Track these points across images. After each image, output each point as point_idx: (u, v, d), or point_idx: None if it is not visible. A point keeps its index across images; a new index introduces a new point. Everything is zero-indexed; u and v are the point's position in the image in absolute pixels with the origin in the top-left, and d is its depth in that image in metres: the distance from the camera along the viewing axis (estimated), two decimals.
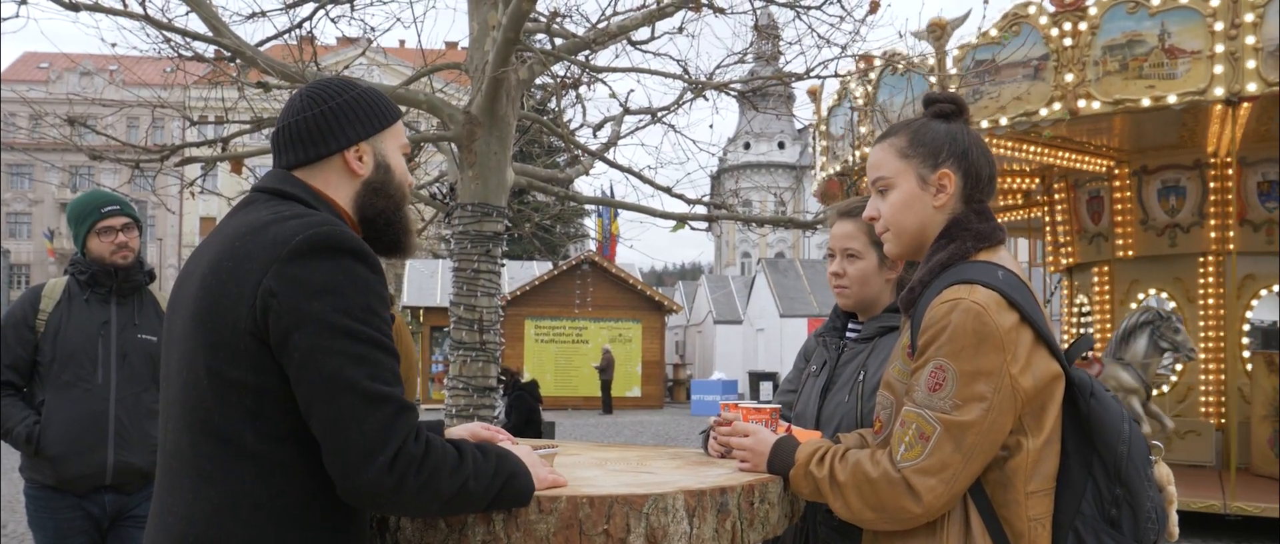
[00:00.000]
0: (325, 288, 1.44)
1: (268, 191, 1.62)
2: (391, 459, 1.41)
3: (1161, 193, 9.70)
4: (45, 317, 3.33)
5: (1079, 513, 1.61)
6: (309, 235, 1.47)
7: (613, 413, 24.50)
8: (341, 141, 1.64)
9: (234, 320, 1.45)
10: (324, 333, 1.42)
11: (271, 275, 1.44)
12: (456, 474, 1.48)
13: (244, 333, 1.45)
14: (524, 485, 1.57)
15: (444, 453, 1.49)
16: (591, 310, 25.62)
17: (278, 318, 1.43)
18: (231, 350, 1.46)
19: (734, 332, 36.22)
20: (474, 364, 5.28)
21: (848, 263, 2.29)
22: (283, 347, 1.43)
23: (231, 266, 1.48)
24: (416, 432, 1.47)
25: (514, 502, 1.56)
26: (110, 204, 3.40)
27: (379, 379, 1.44)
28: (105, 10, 4.88)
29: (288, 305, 1.43)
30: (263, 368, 1.45)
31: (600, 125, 7.52)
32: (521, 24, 4.89)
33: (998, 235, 1.75)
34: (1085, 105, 7.72)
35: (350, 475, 1.42)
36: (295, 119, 1.65)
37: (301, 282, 1.44)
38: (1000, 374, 1.58)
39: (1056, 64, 7.84)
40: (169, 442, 1.55)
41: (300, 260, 1.45)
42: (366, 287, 1.48)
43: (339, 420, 1.41)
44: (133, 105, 6.27)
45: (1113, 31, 7.64)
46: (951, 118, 1.82)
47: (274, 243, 1.47)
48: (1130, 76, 7.59)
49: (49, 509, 3.32)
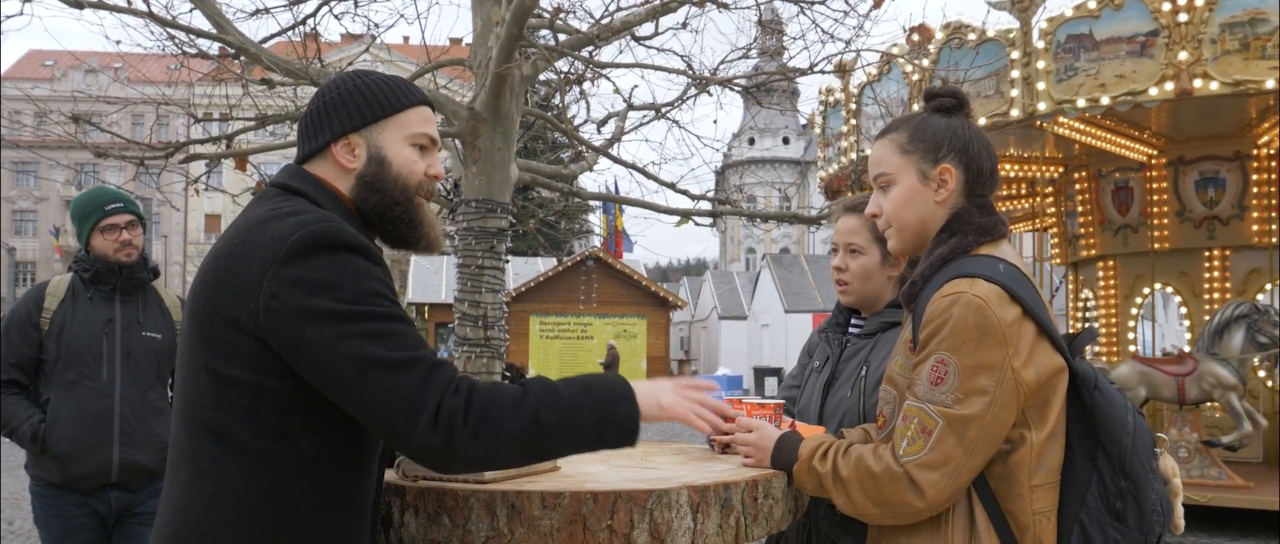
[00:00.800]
0: (323, 284, 1.42)
1: (278, 186, 1.62)
2: (433, 417, 1.39)
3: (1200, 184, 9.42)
4: (50, 314, 3.33)
5: (1084, 506, 1.61)
6: (303, 234, 1.45)
7: None
8: (329, 134, 1.61)
9: (234, 318, 1.45)
10: (331, 323, 1.41)
11: (271, 278, 1.43)
12: (519, 410, 1.43)
13: (243, 331, 1.44)
14: (625, 412, 1.49)
15: (496, 392, 1.44)
16: (596, 306, 25.66)
17: (284, 322, 1.42)
18: (229, 348, 1.45)
19: (739, 327, 36.23)
20: (478, 360, 5.28)
21: (850, 258, 2.29)
22: (295, 348, 1.42)
23: (230, 263, 1.48)
24: (456, 383, 1.43)
25: (619, 432, 1.49)
26: (114, 202, 3.40)
27: (402, 347, 1.42)
28: (109, 7, 4.89)
29: (291, 308, 1.42)
30: (261, 367, 1.44)
31: (604, 121, 7.51)
32: (525, 20, 4.88)
33: (1000, 229, 1.75)
34: (1202, 85, 7.32)
35: (404, 443, 1.40)
36: (308, 109, 1.65)
37: (299, 282, 1.42)
38: (1002, 368, 1.57)
39: (1167, 41, 7.42)
40: (173, 434, 1.57)
41: (296, 261, 1.43)
42: (366, 275, 1.46)
43: (372, 395, 1.40)
44: (137, 103, 6.28)
45: (1233, 8, 7.25)
46: (952, 112, 1.82)
47: (271, 241, 1.46)
48: (1252, 56, 7.21)
49: (55, 507, 3.33)
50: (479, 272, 5.30)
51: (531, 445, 1.46)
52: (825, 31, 5.67)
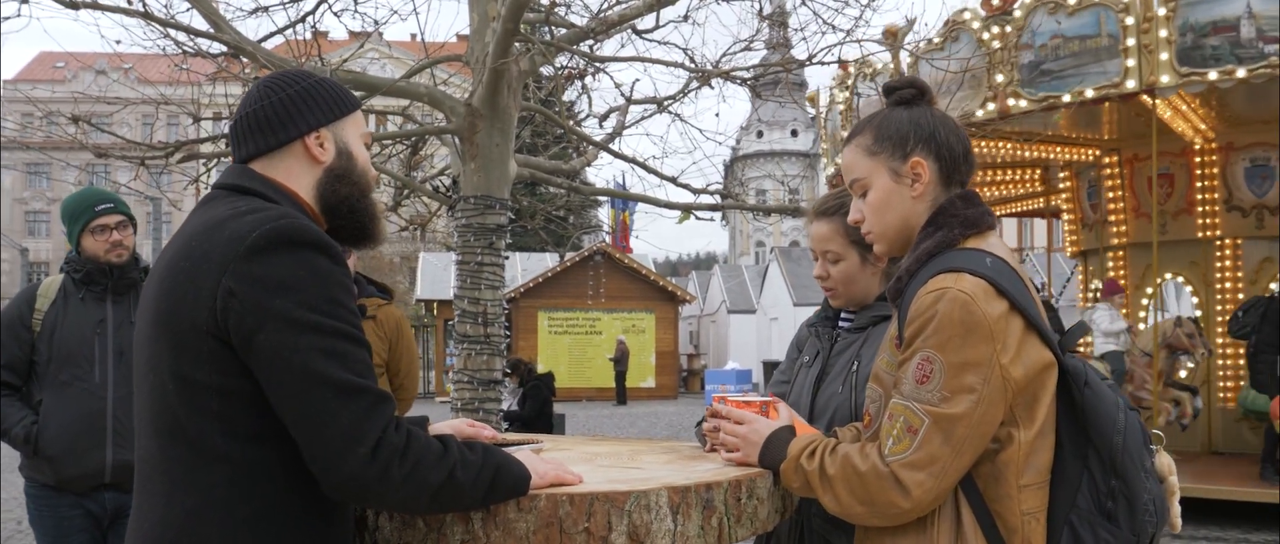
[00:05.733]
0: (286, 283, 1.40)
1: (226, 188, 1.59)
2: (373, 449, 1.39)
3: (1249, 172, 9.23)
4: (41, 316, 3.32)
5: (1074, 506, 1.56)
6: (266, 230, 1.43)
7: (627, 404, 24.49)
8: (301, 127, 1.61)
9: (194, 321, 1.42)
10: (289, 329, 1.39)
11: (230, 274, 1.41)
12: (442, 463, 1.45)
13: (205, 334, 1.42)
14: (516, 474, 1.53)
15: (427, 443, 1.46)
16: (605, 301, 25.61)
17: (239, 318, 1.40)
18: (194, 352, 1.43)
19: (748, 321, 36.16)
20: (478, 357, 5.26)
21: (830, 266, 2.24)
22: (247, 347, 1.40)
23: (189, 267, 1.45)
24: (396, 422, 1.44)
25: (508, 492, 1.52)
26: (104, 202, 3.38)
27: (351, 370, 1.41)
28: (103, 8, 4.87)
29: (249, 304, 1.39)
30: (226, 369, 1.42)
31: (606, 115, 7.47)
32: (520, 14, 4.85)
33: (987, 221, 1.70)
34: None
35: (331, 470, 1.40)
36: (253, 108, 1.62)
37: (260, 279, 1.40)
38: (989, 364, 1.53)
39: None
40: (141, 447, 1.53)
41: (258, 257, 1.41)
42: (329, 278, 1.44)
43: (314, 416, 1.39)
44: (136, 103, 6.27)
45: None
46: (913, 103, 1.76)
47: (231, 240, 1.43)
48: None
49: (49, 508, 3.33)
50: (478, 268, 5.28)
51: (441, 499, 1.48)
52: (825, 22, 5.61)
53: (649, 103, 7.13)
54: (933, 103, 1.79)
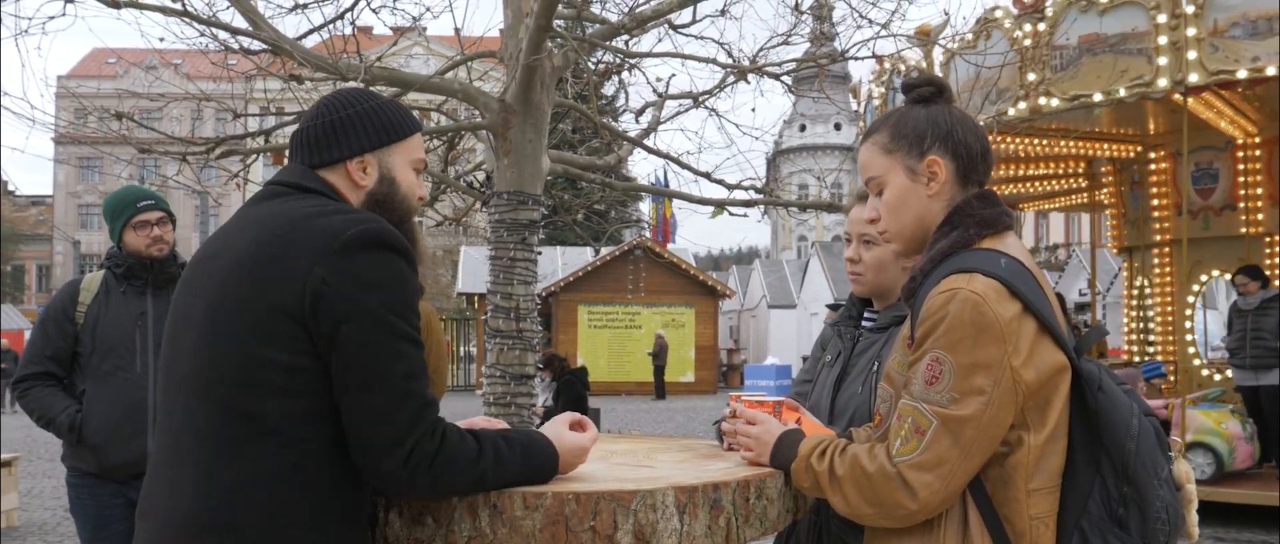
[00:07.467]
0: (376, 282, 1.52)
1: (290, 185, 1.66)
2: (407, 455, 1.50)
3: None
4: (84, 309, 3.41)
5: (1085, 512, 1.54)
6: (361, 230, 1.54)
7: (666, 398, 24.50)
8: (345, 151, 1.69)
9: (279, 303, 1.50)
10: (372, 327, 1.50)
11: (324, 266, 1.50)
12: (472, 468, 1.54)
13: (287, 316, 1.50)
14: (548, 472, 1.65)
15: (458, 450, 1.54)
16: (644, 296, 25.60)
17: (329, 306, 1.49)
18: (269, 331, 1.50)
19: (788, 316, 35.99)
20: (511, 352, 5.30)
21: (864, 249, 2.23)
22: (331, 335, 1.50)
23: (279, 253, 1.53)
24: (433, 427, 1.53)
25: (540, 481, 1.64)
26: (145, 199, 3.48)
27: (412, 376, 1.53)
28: (144, 6, 4.98)
29: (341, 296, 1.50)
30: (298, 349, 1.51)
31: (642, 110, 7.47)
32: (553, 11, 4.87)
33: (1003, 220, 1.68)
34: None
35: (371, 465, 1.52)
36: (308, 124, 1.72)
37: (354, 275, 1.51)
38: (1000, 367, 1.51)
39: None
40: (176, 421, 1.57)
41: (353, 253, 1.52)
42: (409, 284, 1.57)
43: (371, 411, 1.50)
44: (180, 99, 6.40)
45: None
46: (931, 101, 1.75)
47: (325, 233, 1.53)
48: None
49: (91, 496, 3.42)
50: (511, 263, 5.32)
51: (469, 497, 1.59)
52: (861, 15, 5.55)
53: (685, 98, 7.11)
54: (951, 101, 1.77)
